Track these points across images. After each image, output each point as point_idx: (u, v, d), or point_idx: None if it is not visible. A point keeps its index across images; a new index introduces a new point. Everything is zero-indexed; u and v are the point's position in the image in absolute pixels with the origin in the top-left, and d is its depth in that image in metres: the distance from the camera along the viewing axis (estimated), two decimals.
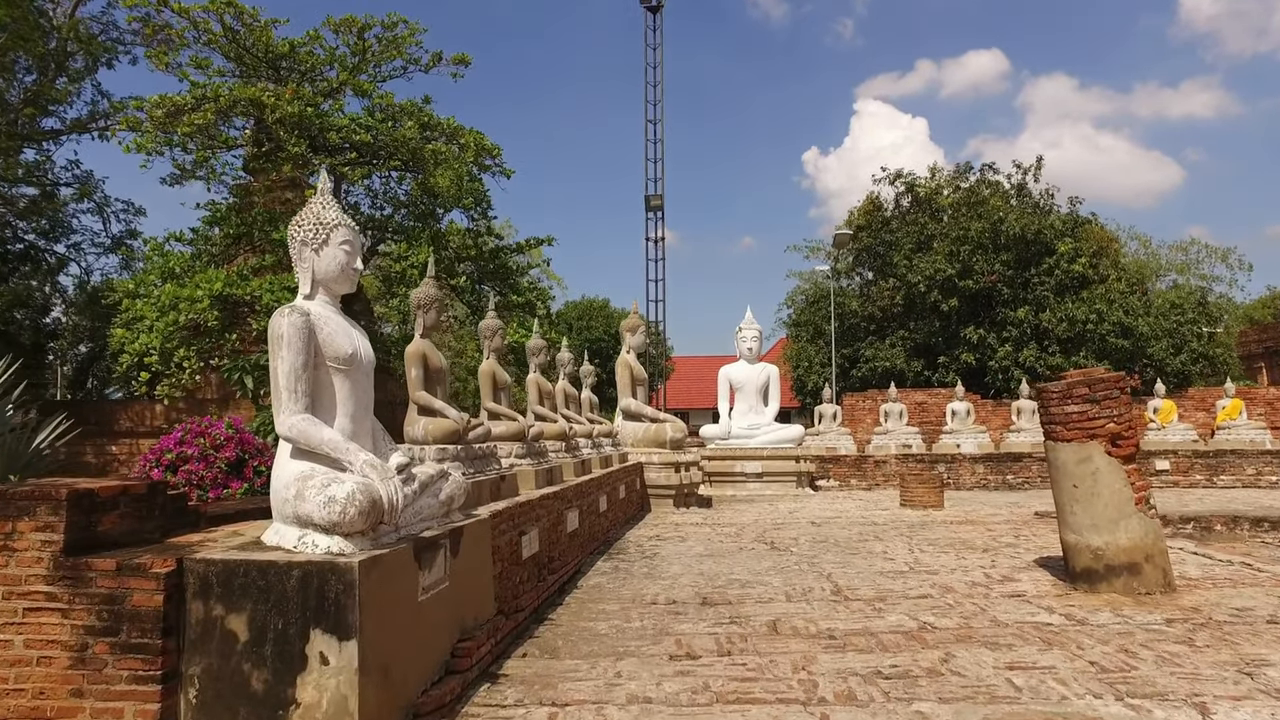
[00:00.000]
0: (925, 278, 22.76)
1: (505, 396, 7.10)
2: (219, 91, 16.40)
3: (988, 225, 22.64)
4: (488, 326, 7.09)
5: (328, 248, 3.83)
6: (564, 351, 10.28)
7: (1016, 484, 16.19)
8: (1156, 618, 4.89)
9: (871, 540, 8.69)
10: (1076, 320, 21.21)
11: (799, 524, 10.35)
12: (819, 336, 31.52)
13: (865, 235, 25.85)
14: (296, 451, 3.51)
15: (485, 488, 5.21)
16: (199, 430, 5.71)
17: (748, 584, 6.30)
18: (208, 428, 5.78)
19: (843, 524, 10.24)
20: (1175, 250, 35.64)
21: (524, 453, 6.60)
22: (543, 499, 6.01)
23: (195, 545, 3.32)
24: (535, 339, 8.83)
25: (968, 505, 12.59)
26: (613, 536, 9.06)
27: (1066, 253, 22.15)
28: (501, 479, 5.56)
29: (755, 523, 10.54)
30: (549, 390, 8.76)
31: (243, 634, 2.90)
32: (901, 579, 6.39)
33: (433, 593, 3.66)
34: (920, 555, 7.59)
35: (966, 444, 16.91)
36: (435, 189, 19.34)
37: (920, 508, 11.89)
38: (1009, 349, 21.97)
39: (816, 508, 12.45)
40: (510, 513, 5.13)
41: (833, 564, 7.16)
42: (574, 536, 7.05)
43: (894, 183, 26.46)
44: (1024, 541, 8.40)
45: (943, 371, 23.02)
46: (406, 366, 5.28)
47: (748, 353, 16.86)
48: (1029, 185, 25.38)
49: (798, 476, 15.60)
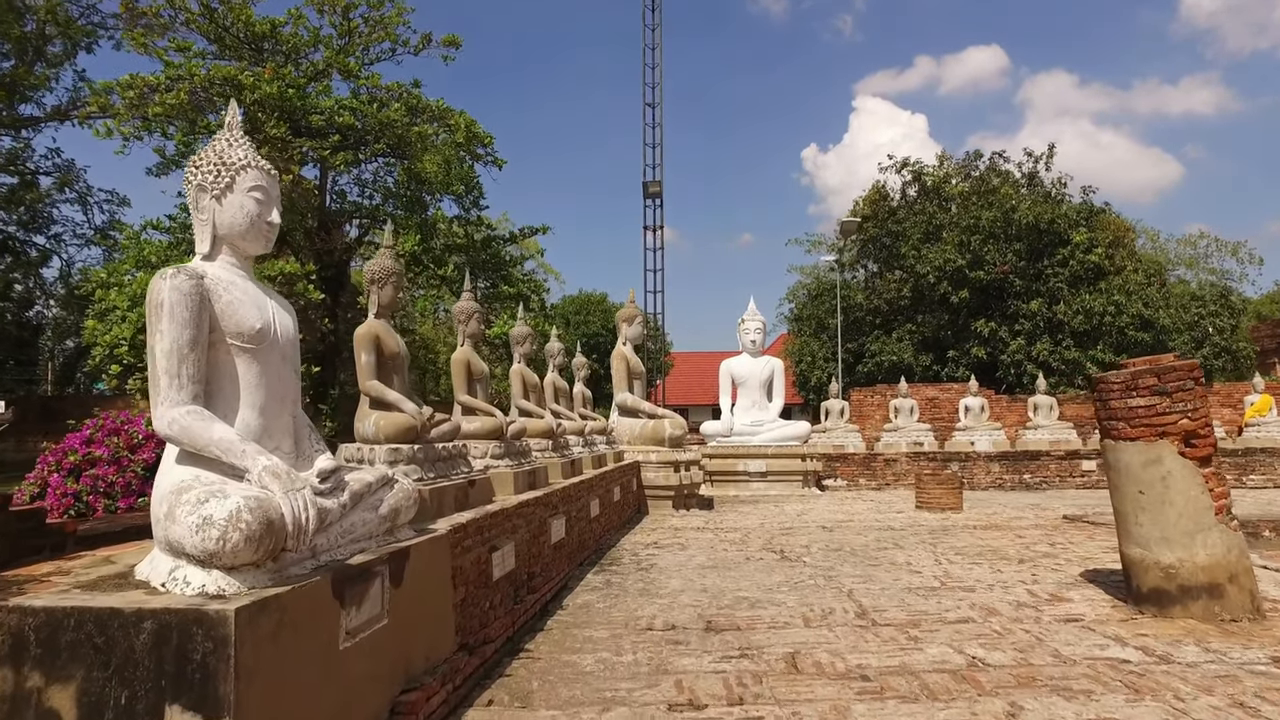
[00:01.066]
0: (934, 268, 21.90)
1: (483, 389, 6.27)
2: (193, 70, 15.52)
3: (999, 214, 21.79)
4: (462, 309, 6.26)
5: (232, 194, 3.00)
6: (553, 342, 9.45)
7: (1034, 483, 15.37)
8: (1258, 655, 4.06)
9: (891, 548, 7.88)
10: (1094, 312, 20.36)
11: (809, 529, 9.53)
12: (822, 330, 30.67)
13: (871, 225, 24.97)
14: (183, 455, 2.69)
15: (449, 495, 4.39)
16: (113, 427, 4.87)
17: (758, 604, 5.49)
18: (124, 425, 4.94)
19: (857, 529, 9.43)
20: (1183, 244, 34.80)
21: (502, 452, 5.77)
22: (521, 506, 5.19)
23: (36, 579, 2.50)
24: (519, 326, 8.09)
25: (987, 507, 11.78)
26: (606, 544, 8.24)
27: (1082, 243, 21.29)
28: (470, 484, 4.73)
29: (761, 527, 9.72)
30: (534, 383, 7.93)
31: (69, 715, 2.08)
32: (934, 598, 5.57)
33: (363, 636, 2.84)
34: (949, 567, 6.77)
35: (981, 441, 16.09)
36: (423, 175, 18.51)
37: (938, 510, 11.07)
38: (1021, 342, 21.12)
39: (826, 510, 11.64)
40: (478, 525, 4.31)
41: (853, 578, 6.34)
42: (560, 548, 6.24)
43: (900, 171, 25.58)
44: (1061, 551, 7.58)
45: (952, 366, 22.19)
46: (356, 351, 4.44)
47: (751, 345, 16.03)
48: (1040, 174, 24.52)
49: (804, 476, 14.78)
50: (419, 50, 19.95)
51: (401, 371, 4.73)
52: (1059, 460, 15.54)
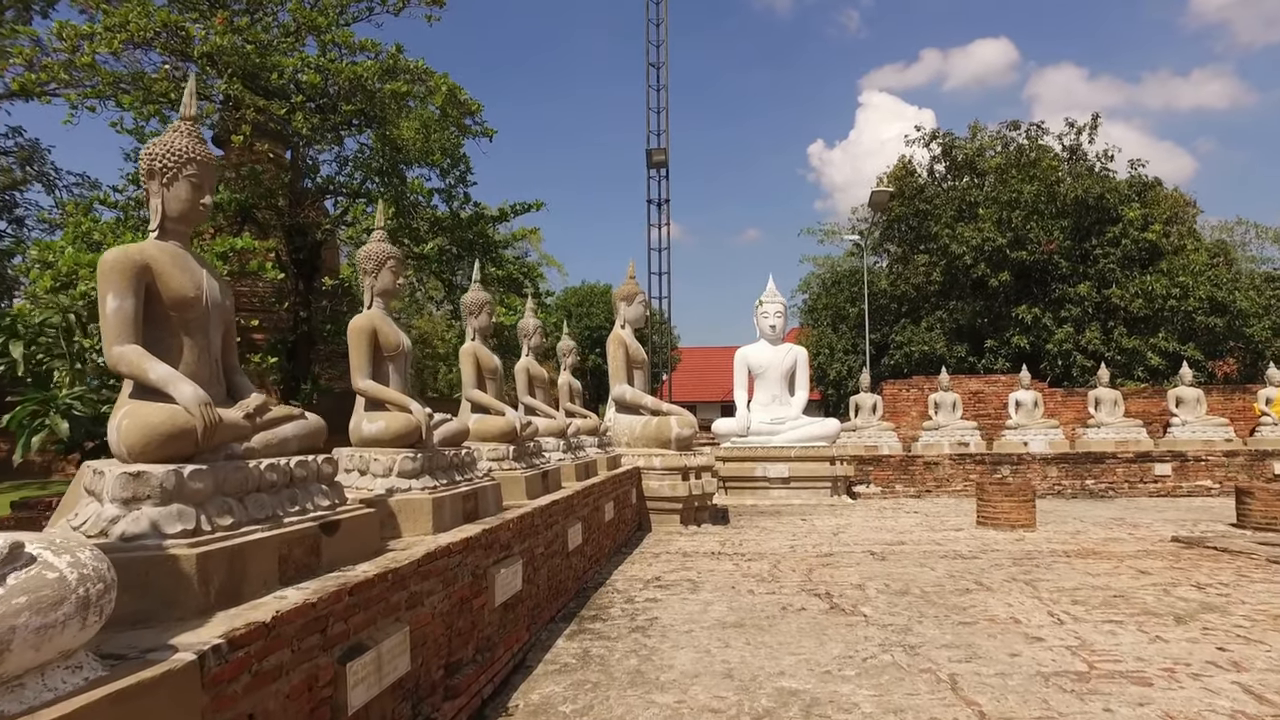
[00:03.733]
0: (971, 248, 19.70)
1: (397, 374, 4.25)
2: (127, 15, 13.53)
3: (1042, 188, 19.59)
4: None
5: None
6: (528, 317, 7.46)
7: (1098, 490, 13.25)
8: None
9: (976, 589, 5.83)
10: (1155, 295, 18.13)
11: (854, 554, 7.49)
12: (841, 321, 28.51)
13: (897, 204, 22.77)
14: None
15: (258, 558, 2.36)
16: None
17: (815, 706, 3.46)
18: None
19: (916, 555, 7.38)
20: (1219, 230, 32.43)
21: (418, 469, 3.74)
22: (429, 560, 3.16)
23: None
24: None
25: (1061, 522, 9.70)
26: (592, 580, 6.22)
27: (1136, 219, 19.05)
28: (325, 528, 2.70)
29: (793, 551, 7.69)
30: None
31: None
32: (1093, 697, 3.53)
33: None
34: (1079, 628, 4.71)
35: (1036, 441, 13.96)
36: (399, 142, 16.49)
37: (1007, 528, 9.00)
38: (1069, 330, 18.91)
39: (866, 525, 9.60)
40: (315, 615, 2.28)
41: (946, 650, 4.30)
42: (513, 607, 4.21)
43: (929, 144, 23.36)
44: (1223, 600, 5.50)
45: (990, 357, 20.01)
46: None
47: (770, 331, 13.95)
48: (1083, 147, 22.28)
49: (833, 481, 12.72)
50: (399, 10, 17.94)
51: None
52: (1127, 463, 13.41)
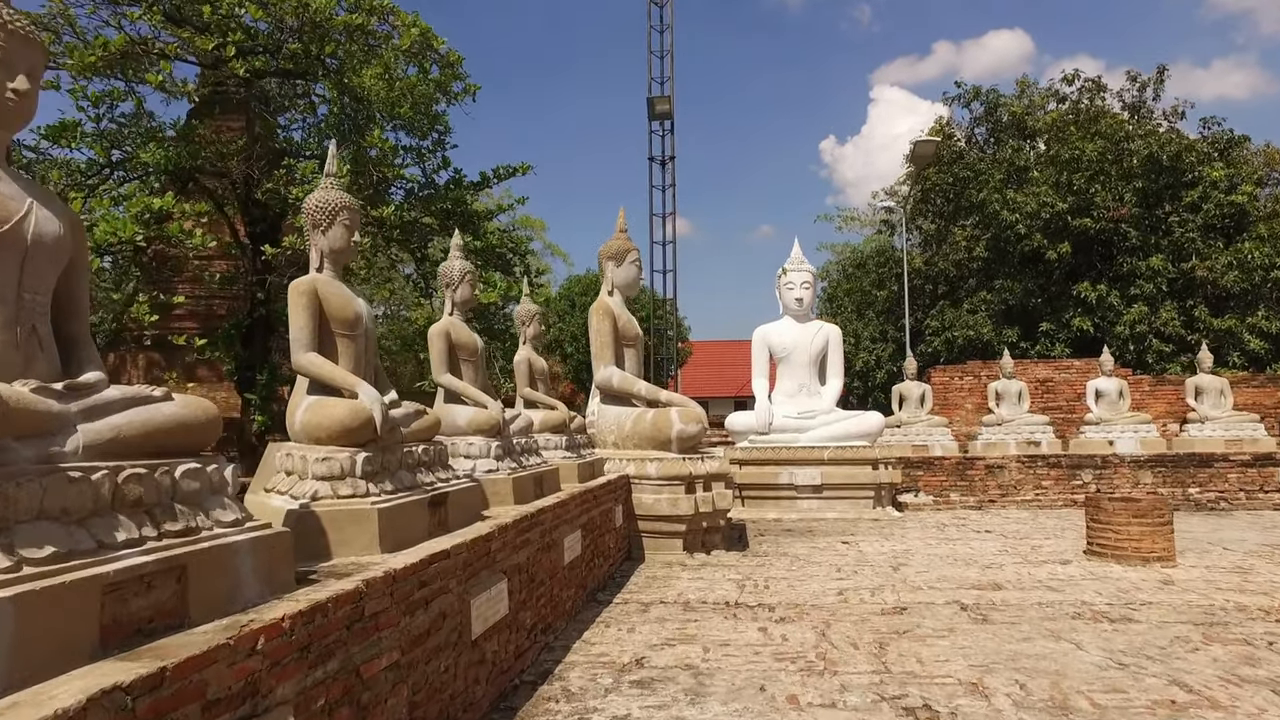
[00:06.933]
0: (1025, 216, 17.06)
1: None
2: None
3: (1108, 145, 16.91)
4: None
5: None
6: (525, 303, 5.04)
7: (1205, 501, 10.65)
8: None
9: (1183, 697, 3.33)
10: (1252, 267, 15.43)
11: (936, 608, 5.00)
12: (868, 307, 25.92)
13: (933, 172, 20.14)
14: None
15: None
16: None
17: None
18: None
19: (1033, 613, 4.86)
20: None
21: None
22: None
23: None
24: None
25: (1203, 552, 7.16)
26: (527, 670, 3.75)
27: (1220, 180, 16.36)
28: None
29: (844, 602, 5.21)
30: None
31: None
32: None
33: None
34: None
35: (1124, 440, 11.36)
36: (359, 90, 14.11)
37: (1138, 562, 6.46)
38: (1142, 309, 16.24)
39: (932, 552, 7.09)
40: None
41: None
42: None
43: (970, 104, 20.69)
44: None
45: (1046, 342, 17.36)
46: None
47: (796, 305, 11.44)
48: (1148, 104, 19.56)
49: (876, 490, 10.21)
50: None
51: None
52: (1242, 468, 10.80)
